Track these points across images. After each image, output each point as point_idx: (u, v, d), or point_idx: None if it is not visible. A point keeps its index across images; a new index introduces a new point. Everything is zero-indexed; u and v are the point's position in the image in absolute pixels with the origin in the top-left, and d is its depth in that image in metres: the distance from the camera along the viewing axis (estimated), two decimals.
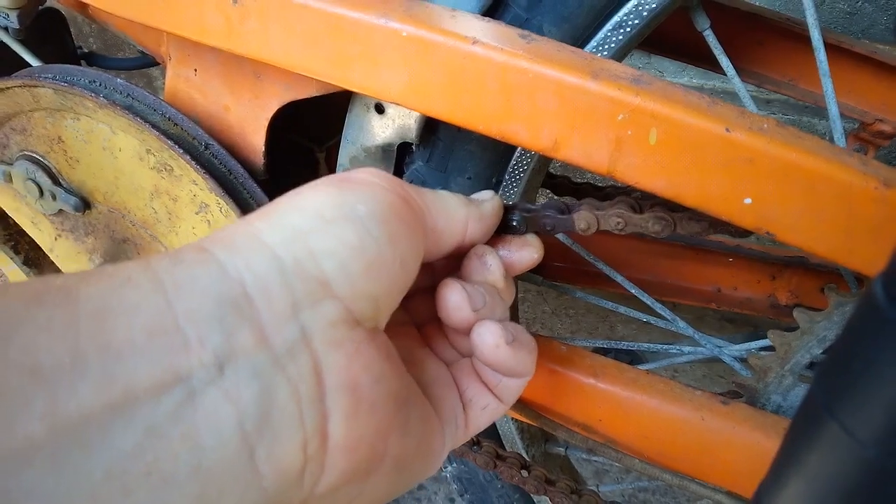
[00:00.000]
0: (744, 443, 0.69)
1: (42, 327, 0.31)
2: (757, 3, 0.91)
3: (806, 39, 0.73)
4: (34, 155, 0.82)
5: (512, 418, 0.90)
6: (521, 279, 0.91)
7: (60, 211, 0.85)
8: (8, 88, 0.78)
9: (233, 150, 0.78)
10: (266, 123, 0.77)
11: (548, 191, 1.03)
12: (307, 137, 0.97)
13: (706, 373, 1.60)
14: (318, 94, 0.73)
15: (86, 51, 1.11)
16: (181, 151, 0.73)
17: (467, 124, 0.63)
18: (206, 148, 0.76)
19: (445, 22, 0.61)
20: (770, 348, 0.72)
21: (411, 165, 0.77)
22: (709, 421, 0.70)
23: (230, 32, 0.67)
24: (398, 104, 0.66)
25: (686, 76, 1.65)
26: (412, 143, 0.74)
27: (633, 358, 0.99)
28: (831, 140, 0.63)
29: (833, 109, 0.70)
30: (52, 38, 1.01)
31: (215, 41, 0.68)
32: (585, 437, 0.75)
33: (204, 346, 0.35)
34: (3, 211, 0.77)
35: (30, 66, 0.90)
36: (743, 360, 0.78)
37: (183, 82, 0.79)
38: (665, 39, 0.93)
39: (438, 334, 0.61)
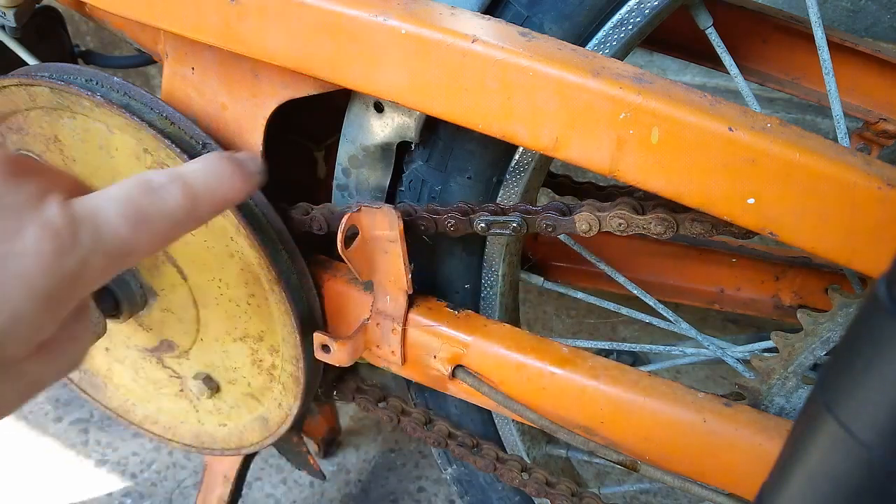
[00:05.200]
0: (746, 445, 0.68)
1: None
2: (759, 1, 0.90)
3: (809, 37, 0.72)
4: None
5: (513, 420, 0.89)
6: (522, 279, 0.90)
7: None
8: (4, 87, 0.77)
9: (230, 149, 0.77)
10: (264, 122, 0.76)
11: (549, 190, 1.03)
12: (305, 136, 0.96)
13: (709, 374, 1.60)
14: (316, 93, 0.72)
15: (83, 49, 1.11)
16: (178, 151, 0.72)
17: (467, 123, 0.62)
18: (204, 147, 0.76)
19: (445, 20, 0.61)
20: (773, 350, 0.71)
21: (411, 164, 0.76)
22: (711, 423, 0.69)
23: (228, 30, 0.66)
24: (397, 103, 0.65)
25: (688, 74, 1.64)
26: (412, 142, 0.74)
27: (635, 359, 0.99)
28: (835, 139, 0.63)
29: (836, 108, 0.70)
30: (48, 36, 1.00)
31: (213, 39, 0.68)
32: (587, 440, 0.75)
33: None
34: None
35: (26, 64, 0.90)
36: (746, 362, 0.77)
37: (180, 81, 0.79)
38: (667, 37, 0.92)
39: None
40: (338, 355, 0.77)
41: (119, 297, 0.87)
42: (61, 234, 0.38)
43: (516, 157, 0.72)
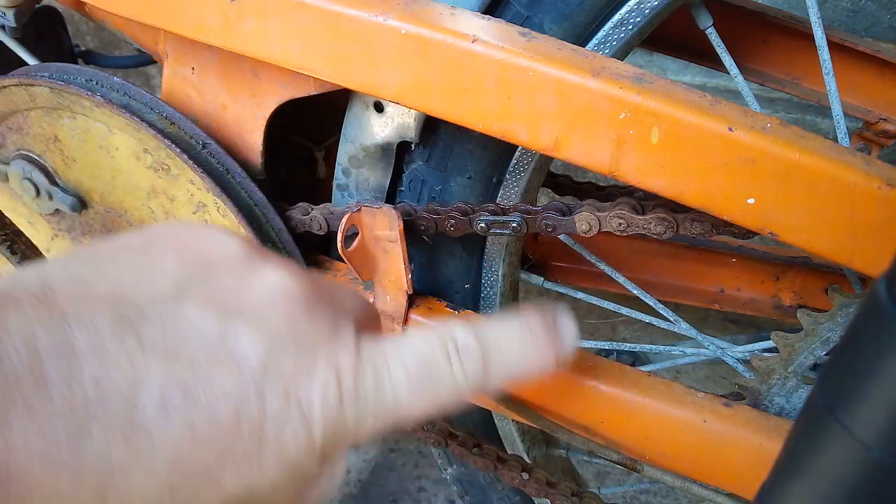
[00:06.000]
0: (746, 445, 0.68)
1: None
2: (759, 1, 0.90)
3: (809, 37, 0.72)
4: (31, 154, 0.82)
5: (513, 420, 0.89)
6: (522, 279, 0.90)
7: (57, 210, 0.84)
8: (4, 87, 0.77)
9: (230, 149, 0.77)
10: (264, 122, 0.76)
11: (549, 190, 1.03)
12: (305, 136, 0.96)
13: (709, 374, 1.60)
14: (316, 93, 0.72)
15: (83, 49, 1.11)
16: (178, 150, 0.72)
17: (467, 123, 0.62)
18: (204, 147, 0.76)
19: (445, 20, 0.61)
20: (773, 350, 0.71)
21: (411, 165, 0.76)
22: (711, 423, 0.69)
23: (228, 30, 0.66)
24: (397, 103, 0.65)
25: (688, 74, 1.64)
26: (412, 142, 0.74)
27: (635, 359, 0.99)
28: (835, 139, 0.62)
29: (836, 108, 0.70)
30: (49, 36, 1.00)
31: (213, 39, 0.68)
32: (587, 439, 0.75)
33: None
34: (0, 211, 0.76)
35: (27, 64, 0.90)
36: (746, 362, 0.77)
37: (180, 80, 0.79)
38: (667, 37, 0.92)
39: None
40: None
41: None
42: (347, 385, 0.35)
43: (516, 157, 0.72)
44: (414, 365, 0.38)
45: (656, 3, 0.61)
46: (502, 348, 0.40)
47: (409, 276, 0.74)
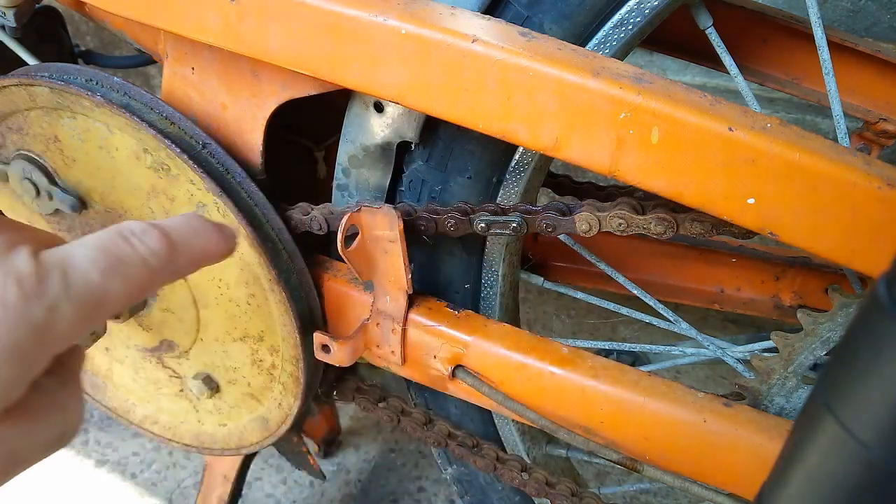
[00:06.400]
0: (746, 445, 0.68)
1: None
2: (760, 1, 0.90)
3: (809, 37, 0.72)
4: (30, 154, 0.82)
5: (513, 420, 0.89)
6: (522, 279, 0.90)
7: (57, 211, 0.84)
8: (4, 87, 0.77)
9: (230, 149, 0.77)
10: (264, 122, 0.76)
11: (549, 190, 1.03)
12: (305, 136, 0.96)
13: (709, 374, 1.60)
14: (316, 93, 0.72)
15: (83, 49, 1.11)
16: (178, 150, 0.72)
17: (467, 123, 0.62)
18: (204, 147, 0.76)
19: (445, 20, 0.61)
20: (773, 350, 0.71)
21: (411, 165, 0.76)
22: (711, 423, 0.69)
23: (228, 30, 0.66)
24: (397, 103, 0.65)
25: (689, 74, 1.64)
26: (412, 142, 0.74)
27: (635, 359, 0.99)
28: (835, 139, 0.62)
29: (836, 108, 0.70)
30: (49, 36, 1.00)
31: (213, 39, 0.68)
32: (587, 439, 0.75)
33: None
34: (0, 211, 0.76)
35: (27, 64, 0.90)
36: (746, 362, 0.77)
37: (180, 81, 0.79)
38: (667, 37, 0.92)
39: None
40: (338, 355, 0.77)
41: None
42: (26, 280, 0.37)
43: (516, 157, 0.72)
44: (95, 251, 0.40)
45: (656, 3, 0.61)
46: (177, 229, 0.44)
47: (409, 276, 0.74)
